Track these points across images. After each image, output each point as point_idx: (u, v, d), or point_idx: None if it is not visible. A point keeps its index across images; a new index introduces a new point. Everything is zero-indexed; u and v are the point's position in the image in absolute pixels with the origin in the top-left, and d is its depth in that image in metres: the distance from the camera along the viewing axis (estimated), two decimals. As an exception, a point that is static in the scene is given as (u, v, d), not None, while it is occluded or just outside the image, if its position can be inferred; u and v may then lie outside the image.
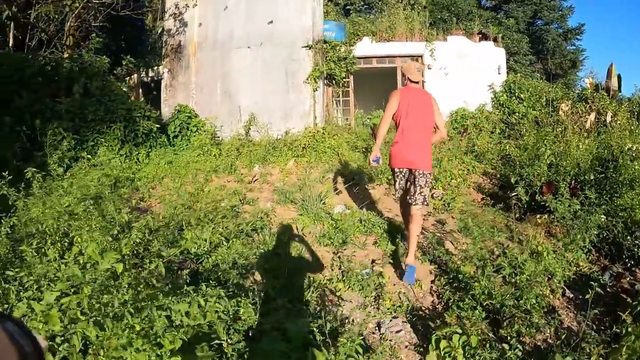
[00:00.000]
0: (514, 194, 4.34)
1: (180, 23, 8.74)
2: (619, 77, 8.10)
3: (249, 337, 2.38)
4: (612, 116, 6.63)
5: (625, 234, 3.56)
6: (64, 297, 2.29)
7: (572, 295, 3.14)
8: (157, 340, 2.12)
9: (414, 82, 3.53)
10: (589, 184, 4.18)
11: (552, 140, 5.31)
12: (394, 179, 3.53)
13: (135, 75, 10.43)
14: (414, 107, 3.40)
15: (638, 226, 3.60)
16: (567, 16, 19.64)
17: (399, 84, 8.26)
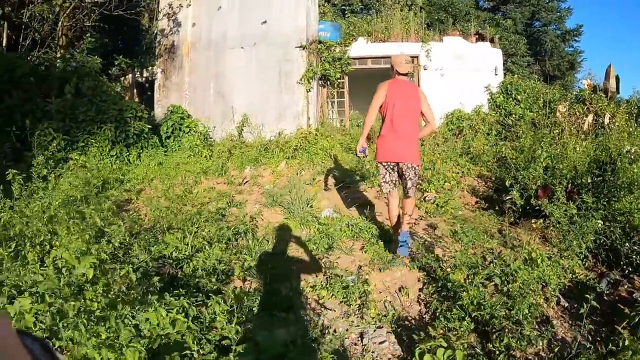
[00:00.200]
0: (508, 197, 4.21)
1: (173, 23, 8.64)
2: (617, 79, 7.96)
3: (221, 348, 2.26)
4: (610, 118, 6.50)
5: (623, 239, 3.42)
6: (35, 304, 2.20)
7: (567, 304, 3.00)
8: (122, 350, 2.02)
9: (402, 75, 3.46)
10: (586, 187, 4.04)
11: (549, 142, 5.18)
12: (381, 172, 3.45)
13: (130, 75, 10.33)
14: (402, 99, 3.34)
15: (636, 231, 3.46)
16: (565, 17, 19.61)
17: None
